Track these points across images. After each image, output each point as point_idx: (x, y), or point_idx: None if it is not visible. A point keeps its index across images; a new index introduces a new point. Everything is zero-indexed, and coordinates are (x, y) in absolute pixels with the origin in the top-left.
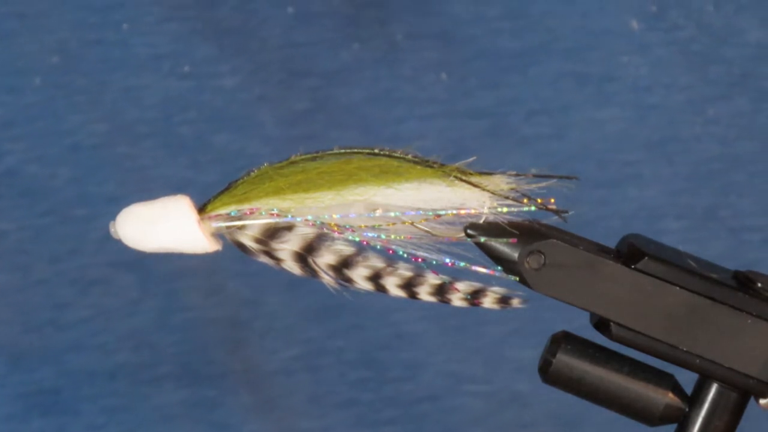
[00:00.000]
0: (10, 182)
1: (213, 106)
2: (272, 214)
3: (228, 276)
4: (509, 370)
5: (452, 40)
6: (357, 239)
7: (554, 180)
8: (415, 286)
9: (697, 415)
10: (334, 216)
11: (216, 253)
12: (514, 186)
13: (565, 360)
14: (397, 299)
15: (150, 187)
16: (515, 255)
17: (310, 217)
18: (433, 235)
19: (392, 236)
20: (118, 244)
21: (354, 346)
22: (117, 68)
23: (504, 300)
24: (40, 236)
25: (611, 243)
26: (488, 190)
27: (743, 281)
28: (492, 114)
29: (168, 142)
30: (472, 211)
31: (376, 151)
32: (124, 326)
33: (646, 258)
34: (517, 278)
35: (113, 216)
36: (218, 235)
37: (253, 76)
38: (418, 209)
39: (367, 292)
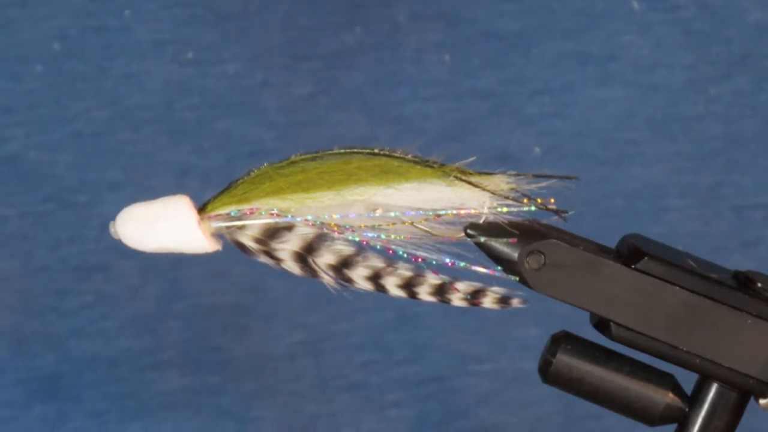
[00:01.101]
0: (11, 168)
1: (215, 92)
2: (272, 214)
3: (231, 262)
4: (514, 349)
5: (454, 22)
6: (357, 239)
7: (554, 180)
8: (415, 286)
9: (697, 415)
10: (334, 216)
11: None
12: (514, 186)
13: (565, 360)
14: None
15: (152, 173)
16: (515, 255)
17: (310, 217)
18: (433, 235)
19: (392, 236)
20: None
21: (359, 330)
22: (118, 54)
23: (504, 300)
24: (41, 222)
25: (615, 221)
26: (488, 190)
27: (743, 281)
28: (495, 94)
29: (170, 128)
30: (472, 211)
31: (376, 151)
32: (126, 312)
33: (646, 258)
34: (517, 278)
35: (115, 202)
36: (218, 235)
37: (256, 61)
38: (418, 209)
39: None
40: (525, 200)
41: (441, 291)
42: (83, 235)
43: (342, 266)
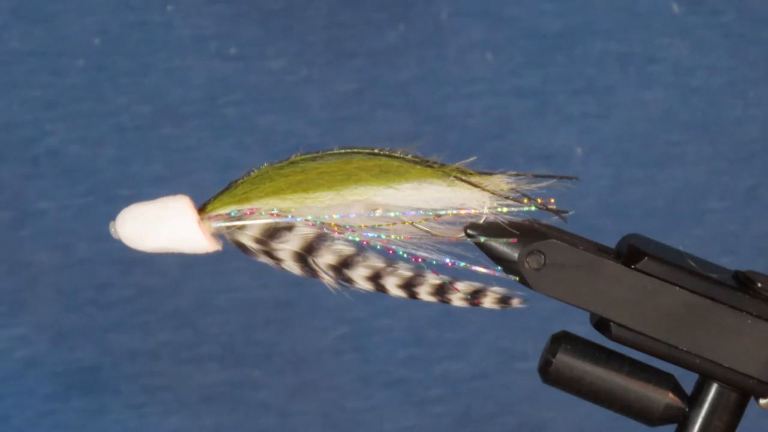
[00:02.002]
0: (52, 162)
1: (259, 88)
2: (272, 214)
3: None
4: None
5: (497, 20)
6: (357, 239)
7: (554, 180)
8: (415, 286)
9: (697, 415)
10: (334, 216)
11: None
12: (514, 186)
13: (565, 360)
14: None
15: (195, 168)
16: (515, 255)
17: (310, 217)
18: (433, 235)
19: (392, 236)
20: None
21: (402, 325)
22: (161, 50)
23: (504, 300)
24: (81, 216)
25: (656, 222)
26: (488, 190)
27: (743, 281)
28: (537, 93)
29: (213, 123)
30: (472, 211)
31: (376, 151)
32: (166, 306)
33: (646, 258)
34: (517, 278)
35: (158, 196)
36: (218, 235)
37: (300, 57)
38: (418, 209)
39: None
40: (525, 200)
41: (441, 291)
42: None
43: (342, 266)
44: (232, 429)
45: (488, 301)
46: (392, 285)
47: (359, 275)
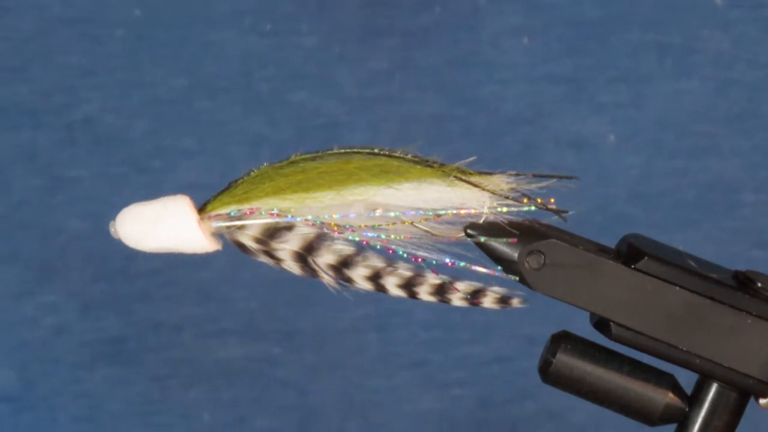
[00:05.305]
0: (87, 130)
1: (292, 64)
2: (272, 214)
3: None
4: (580, 334)
5: (534, 6)
6: (357, 239)
7: (554, 180)
8: (415, 285)
9: (697, 415)
10: (334, 216)
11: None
12: (514, 186)
13: (565, 360)
14: None
15: (226, 142)
16: (515, 255)
17: (310, 217)
18: (433, 235)
19: (392, 236)
20: (195, 193)
21: (424, 307)
22: (198, 23)
23: (504, 300)
24: (114, 185)
25: (688, 213)
26: (488, 190)
27: (743, 281)
28: (571, 80)
29: (246, 98)
30: (472, 211)
31: (376, 150)
32: (192, 279)
33: (646, 258)
34: (517, 278)
35: (188, 169)
36: (218, 234)
37: (333, 35)
38: (418, 209)
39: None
40: (525, 200)
41: (441, 291)
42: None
43: (342, 266)
44: (251, 404)
45: (488, 301)
46: (392, 285)
47: (359, 275)
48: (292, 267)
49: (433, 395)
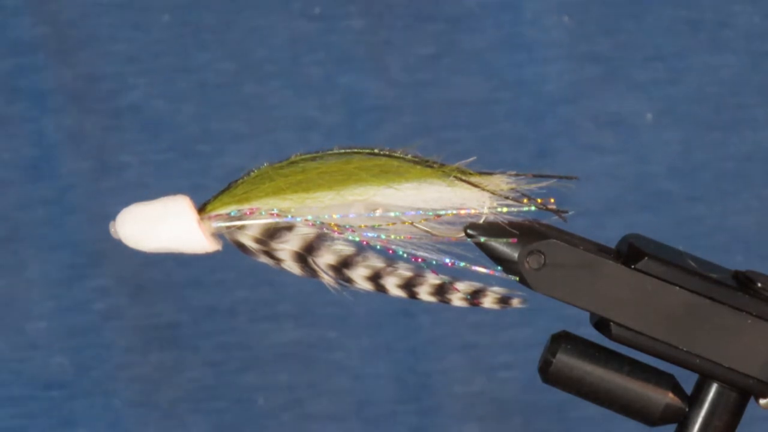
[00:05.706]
0: (134, 116)
1: (340, 48)
2: (272, 214)
3: None
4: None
5: None
6: (357, 239)
7: (554, 180)
8: (415, 286)
9: (697, 415)
10: (334, 216)
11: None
12: (514, 186)
13: (565, 360)
14: None
15: (275, 127)
16: (515, 255)
17: (310, 217)
18: (433, 235)
19: (392, 236)
20: None
21: None
22: (245, 7)
23: (504, 300)
24: (162, 171)
25: (727, 184)
26: (488, 190)
27: (743, 281)
28: (608, 59)
29: (295, 82)
30: (472, 211)
31: (376, 151)
32: (244, 263)
33: (646, 258)
34: (517, 278)
35: (237, 154)
36: (218, 235)
37: (380, 19)
38: (418, 209)
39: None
40: (525, 200)
41: (441, 291)
42: (204, 184)
43: (342, 266)
44: (305, 388)
45: (488, 301)
46: (392, 285)
47: (359, 275)
48: (292, 267)
49: (482, 378)
